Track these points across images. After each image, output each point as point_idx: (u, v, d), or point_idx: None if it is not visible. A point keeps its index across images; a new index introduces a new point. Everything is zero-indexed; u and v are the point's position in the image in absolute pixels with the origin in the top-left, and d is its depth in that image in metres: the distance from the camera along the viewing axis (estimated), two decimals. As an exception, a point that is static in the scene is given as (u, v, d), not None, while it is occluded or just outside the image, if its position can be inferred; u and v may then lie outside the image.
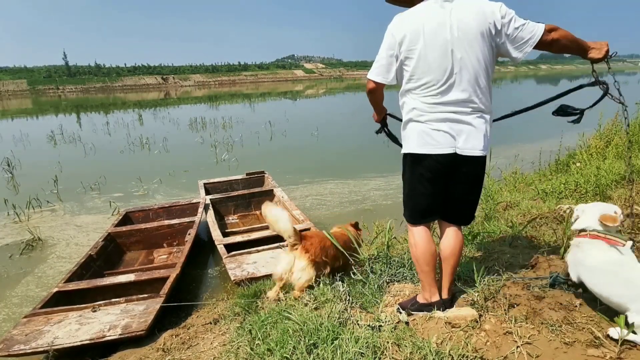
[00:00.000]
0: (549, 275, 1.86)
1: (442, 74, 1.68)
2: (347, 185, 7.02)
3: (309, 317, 1.82)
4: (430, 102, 1.74)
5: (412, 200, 1.90)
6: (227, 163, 8.87)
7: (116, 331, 2.63)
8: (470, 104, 1.70)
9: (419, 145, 1.79)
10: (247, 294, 2.76)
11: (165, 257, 4.37)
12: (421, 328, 1.67)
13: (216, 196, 5.60)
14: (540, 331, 1.49)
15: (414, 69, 1.73)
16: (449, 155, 1.73)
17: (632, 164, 3.64)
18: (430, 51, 1.68)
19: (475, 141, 1.72)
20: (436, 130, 1.73)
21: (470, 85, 1.68)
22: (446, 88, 1.69)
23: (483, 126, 1.73)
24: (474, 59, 1.66)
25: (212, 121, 15.23)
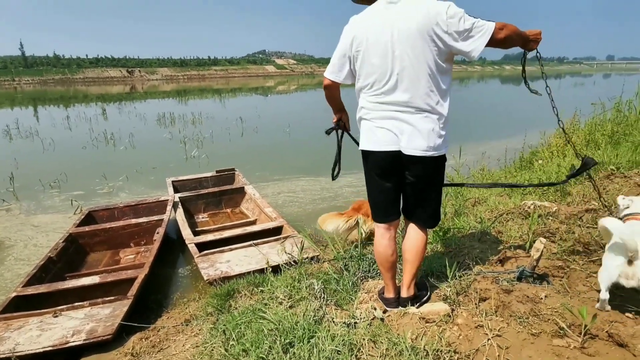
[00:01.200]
0: (516, 269, 1.94)
1: (383, 74, 1.72)
2: (318, 183, 7.02)
3: (284, 316, 1.80)
4: (375, 102, 1.78)
5: (369, 197, 1.99)
6: (197, 160, 8.66)
7: (80, 336, 2.51)
8: (413, 104, 1.71)
9: (365, 142, 1.86)
10: (220, 294, 2.71)
11: (133, 257, 4.22)
12: (396, 324, 1.69)
13: (185, 194, 5.46)
14: (509, 323, 1.55)
15: (360, 70, 1.79)
16: (393, 153, 1.78)
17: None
18: (373, 52, 1.71)
19: (420, 141, 1.72)
20: (380, 127, 1.78)
21: (413, 86, 1.69)
22: (389, 89, 1.73)
23: (429, 126, 1.72)
24: (415, 60, 1.66)
25: (181, 116, 14.82)
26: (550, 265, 1.99)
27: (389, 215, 1.93)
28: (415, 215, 1.91)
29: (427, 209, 1.89)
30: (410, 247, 1.89)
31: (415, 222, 1.91)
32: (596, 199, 2.86)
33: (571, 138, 2.34)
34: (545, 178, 3.56)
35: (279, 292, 2.30)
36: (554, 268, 1.96)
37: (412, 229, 1.91)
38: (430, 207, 1.90)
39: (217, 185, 5.99)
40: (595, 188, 2.33)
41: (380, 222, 1.94)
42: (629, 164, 3.48)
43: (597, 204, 2.79)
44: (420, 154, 1.73)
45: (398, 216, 1.95)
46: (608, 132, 4.85)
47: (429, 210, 1.90)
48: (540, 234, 2.48)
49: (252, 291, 2.75)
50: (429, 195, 1.87)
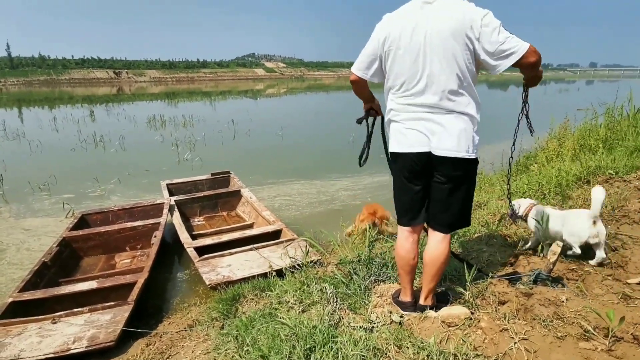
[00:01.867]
0: (532, 272, 1.94)
1: (414, 75, 1.71)
2: (314, 186, 6.99)
3: (300, 321, 1.77)
4: (404, 103, 1.78)
5: (395, 199, 1.96)
6: (190, 163, 8.55)
7: (82, 343, 2.43)
8: (444, 105, 1.70)
9: (395, 144, 1.85)
10: (225, 298, 2.66)
11: (129, 262, 4.13)
12: (417, 328, 1.68)
13: (181, 197, 5.38)
14: (534, 327, 1.55)
15: (390, 69, 1.78)
16: (423, 154, 1.76)
17: (585, 162, 3.92)
18: (405, 53, 1.70)
19: (450, 142, 1.70)
20: (410, 129, 1.77)
21: (442, 89, 1.68)
22: (419, 89, 1.72)
23: (460, 126, 1.71)
24: (446, 62, 1.65)
25: (171, 119, 14.65)
26: (564, 268, 2.01)
27: (414, 219, 1.90)
28: (439, 221, 1.86)
29: (453, 213, 1.83)
30: (432, 258, 1.84)
31: (439, 229, 1.86)
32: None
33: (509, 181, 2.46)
34: (545, 182, 3.61)
35: (288, 296, 2.27)
36: (567, 271, 1.98)
37: (435, 238, 1.87)
38: (456, 212, 1.84)
39: (213, 188, 5.92)
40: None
41: (404, 225, 1.92)
42: (626, 169, 3.56)
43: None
44: (452, 154, 1.71)
45: (423, 221, 1.92)
46: (602, 137, 4.95)
47: (453, 214, 1.84)
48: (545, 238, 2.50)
49: (258, 295, 2.71)
50: (456, 199, 1.81)
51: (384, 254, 2.63)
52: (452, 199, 1.81)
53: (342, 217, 5.26)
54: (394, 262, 2.41)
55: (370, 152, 2.66)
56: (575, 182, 3.57)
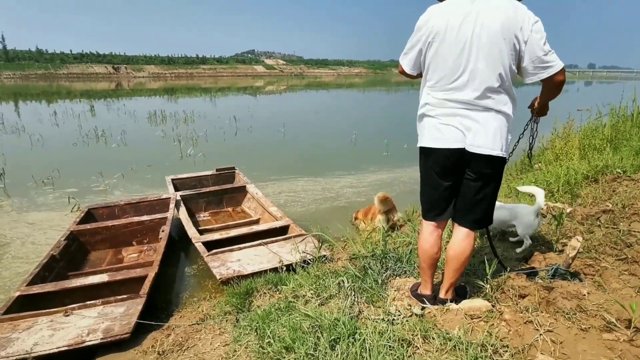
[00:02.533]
0: (549, 267, 1.97)
1: (456, 70, 1.69)
2: (318, 183, 7.01)
3: (321, 313, 1.78)
4: (442, 98, 1.76)
5: (423, 195, 1.95)
6: (192, 158, 8.55)
7: (97, 335, 2.44)
8: (482, 103, 1.69)
9: (429, 140, 1.85)
10: (238, 292, 2.67)
11: (136, 256, 4.13)
12: (440, 320, 1.70)
13: (186, 192, 5.38)
14: (557, 319, 1.57)
15: (431, 63, 1.76)
16: (457, 151, 1.75)
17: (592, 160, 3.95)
18: (449, 47, 1.68)
19: (486, 139, 1.70)
20: (445, 124, 1.77)
21: (484, 86, 1.66)
22: (459, 86, 1.70)
23: (496, 124, 1.70)
24: (491, 59, 1.63)
25: (172, 115, 14.61)
26: (581, 264, 2.03)
27: (441, 214, 1.91)
28: (465, 217, 1.87)
29: (480, 210, 1.85)
30: (456, 253, 1.85)
31: (466, 225, 1.87)
32: (608, 201, 2.93)
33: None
34: (553, 180, 3.64)
35: (304, 290, 2.28)
36: (584, 266, 2.00)
37: (461, 234, 1.88)
38: (483, 209, 1.85)
39: (217, 184, 5.92)
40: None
41: (430, 220, 1.92)
42: (633, 168, 3.59)
43: (611, 205, 2.87)
44: (486, 152, 1.70)
45: (449, 217, 1.93)
46: (607, 137, 4.99)
47: (480, 211, 1.85)
48: (560, 234, 2.53)
49: (272, 290, 2.73)
50: (484, 196, 1.82)
51: (396, 248, 2.65)
52: (480, 196, 1.81)
53: (350, 213, 5.30)
54: (409, 257, 2.43)
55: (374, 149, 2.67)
56: (582, 180, 3.60)
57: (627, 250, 2.07)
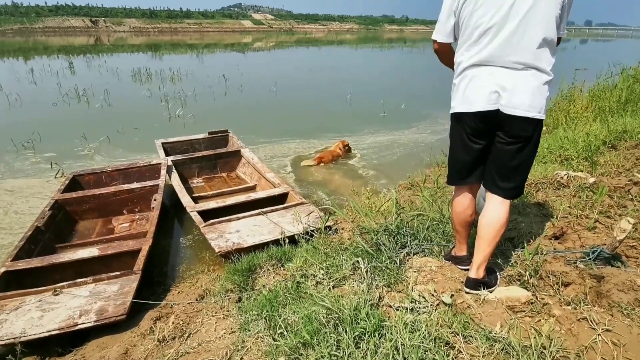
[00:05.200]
0: (591, 249, 1.80)
1: (495, 27, 1.55)
2: (312, 145, 6.74)
3: (337, 300, 1.61)
4: (478, 57, 1.61)
5: (452, 158, 1.86)
6: (182, 120, 8.14)
7: (89, 317, 2.26)
8: (523, 60, 1.55)
9: (462, 103, 1.70)
10: (240, 269, 2.49)
11: (128, 226, 3.91)
12: (477, 313, 1.53)
13: (177, 157, 5.09)
14: (614, 315, 1.41)
15: (468, 21, 1.61)
16: (491, 113, 1.61)
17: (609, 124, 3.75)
18: (485, 5, 1.54)
19: (523, 99, 1.56)
20: (480, 86, 1.62)
21: (527, 41, 1.53)
22: (498, 43, 1.56)
23: (534, 84, 1.56)
24: (539, 15, 1.51)
25: (157, 73, 13.87)
26: (623, 244, 1.87)
27: (471, 177, 1.80)
28: (499, 185, 1.73)
29: (515, 177, 1.71)
30: (489, 224, 1.72)
31: (499, 193, 1.74)
32: (634, 169, 2.76)
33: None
34: (570, 146, 3.44)
35: (314, 269, 2.10)
36: (627, 247, 1.84)
37: (494, 202, 1.74)
38: (519, 177, 1.72)
39: (211, 148, 5.62)
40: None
41: (460, 184, 1.83)
42: (656, 133, 3.41)
43: (639, 175, 2.70)
44: (523, 113, 1.57)
45: (479, 180, 1.82)
46: (622, 100, 4.75)
47: (516, 179, 1.72)
48: (586, 206, 2.36)
49: (276, 266, 2.56)
50: (520, 163, 1.69)
51: (410, 222, 2.47)
52: (516, 162, 1.68)
53: (347, 179, 5.11)
54: (426, 234, 2.26)
55: (371, 110, 2.40)
56: (601, 146, 3.41)
57: None
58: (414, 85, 12.77)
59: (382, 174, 5.33)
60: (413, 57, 20.90)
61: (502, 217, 1.71)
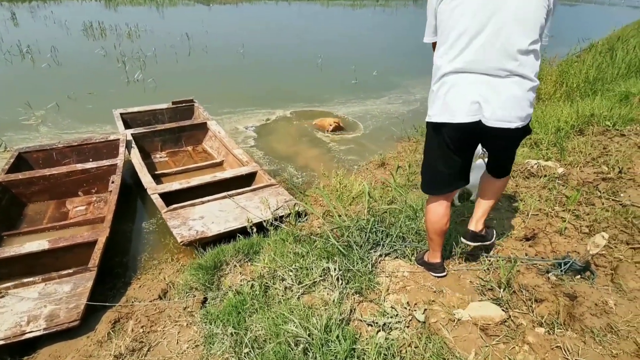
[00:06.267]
0: (563, 260, 1.80)
1: (474, 29, 1.43)
2: (280, 116, 6.45)
3: (307, 315, 1.53)
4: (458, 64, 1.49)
5: (429, 169, 1.76)
6: (141, 84, 7.56)
7: (38, 324, 2.10)
8: (506, 67, 1.44)
9: (440, 112, 1.57)
10: (205, 266, 2.37)
11: (84, 209, 3.65)
12: (450, 337, 1.50)
13: (138, 130, 4.73)
14: (586, 342, 1.41)
15: (446, 23, 1.50)
16: (474, 125, 1.51)
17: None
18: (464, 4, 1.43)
19: (507, 111, 1.46)
20: (462, 95, 1.50)
21: (507, 46, 1.42)
22: (478, 47, 1.44)
23: (520, 93, 1.46)
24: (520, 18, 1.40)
25: (112, 28, 12.72)
26: (592, 252, 1.88)
27: (450, 188, 1.76)
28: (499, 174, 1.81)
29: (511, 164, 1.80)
30: (490, 187, 1.82)
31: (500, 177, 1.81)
32: (603, 162, 2.78)
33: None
34: (540, 129, 3.42)
35: (282, 271, 2.02)
36: (596, 257, 1.85)
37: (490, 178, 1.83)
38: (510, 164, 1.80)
39: (175, 120, 5.27)
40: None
41: (438, 194, 1.77)
42: (621, 119, 3.44)
43: (607, 169, 2.72)
44: (507, 125, 1.48)
45: (460, 187, 1.83)
46: (589, 79, 4.78)
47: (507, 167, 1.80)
48: (556, 202, 2.37)
49: (242, 261, 2.45)
50: (513, 154, 1.75)
51: (381, 216, 2.40)
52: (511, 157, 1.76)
53: (323, 159, 4.96)
54: (399, 232, 2.20)
55: (342, 76, 2.19)
56: (572, 132, 3.43)
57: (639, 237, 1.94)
58: (386, 49, 12.44)
59: (352, 150, 5.22)
60: (385, 18, 20.28)
61: (504, 184, 1.83)
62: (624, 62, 5.04)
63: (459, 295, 1.71)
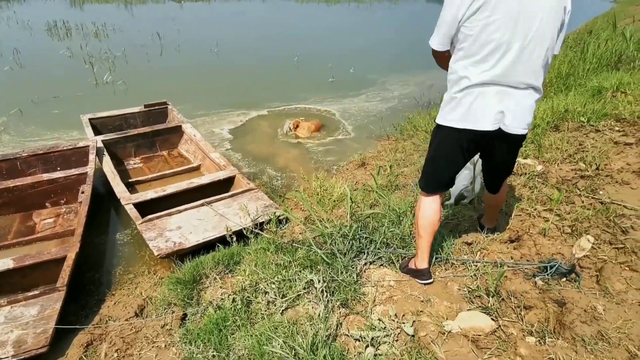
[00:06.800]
0: (548, 263, 1.79)
1: (502, 45, 1.54)
2: (260, 118, 6.33)
3: (292, 332, 1.47)
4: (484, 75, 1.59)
5: (433, 170, 1.85)
6: (111, 86, 7.28)
7: (6, 351, 1.96)
8: (526, 80, 1.59)
9: (463, 119, 1.68)
10: (183, 280, 2.27)
11: (52, 222, 3.46)
12: (441, 352, 1.45)
13: (110, 136, 4.53)
14: (578, 351, 1.40)
15: (476, 37, 1.57)
16: (494, 132, 1.65)
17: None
18: (501, 20, 1.52)
19: (522, 118, 1.64)
20: (488, 105, 1.62)
21: (532, 61, 1.56)
22: (506, 61, 1.56)
23: (531, 103, 1.65)
24: (542, 33, 1.53)
25: (79, 27, 12.21)
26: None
27: (448, 187, 1.92)
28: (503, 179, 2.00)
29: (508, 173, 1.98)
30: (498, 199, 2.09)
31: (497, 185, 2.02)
32: (580, 159, 2.82)
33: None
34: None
35: (264, 284, 1.94)
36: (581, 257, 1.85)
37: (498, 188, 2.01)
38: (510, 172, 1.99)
39: (148, 124, 5.06)
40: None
41: (438, 193, 1.88)
42: (595, 115, 3.50)
43: (584, 165, 2.76)
44: (520, 131, 1.65)
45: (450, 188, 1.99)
46: (562, 75, 4.86)
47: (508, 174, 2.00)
48: (537, 202, 2.38)
49: (222, 273, 2.36)
50: (512, 163, 1.90)
51: (364, 221, 2.35)
52: (514, 163, 1.92)
53: (301, 160, 4.87)
54: (383, 238, 2.15)
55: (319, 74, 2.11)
56: (548, 127, 3.47)
57: (623, 237, 1.95)
58: (361, 45, 12.40)
59: (331, 150, 5.16)
60: (360, 14, 20.26)
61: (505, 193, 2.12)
62: (595, 57, 5.18)
63: (447, 303, 1.68)
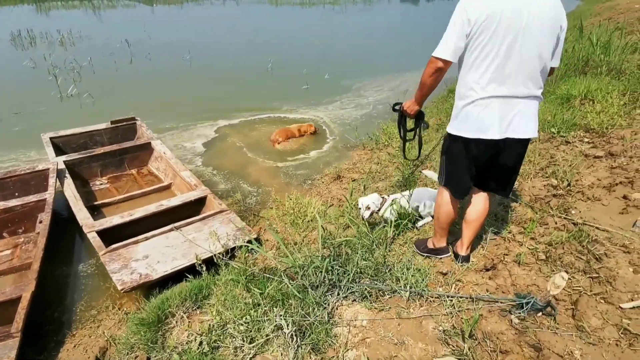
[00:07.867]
0: (524, 299, 1.74)
1: (507, 57, 1.69)
2: (232, 129, 6.14)
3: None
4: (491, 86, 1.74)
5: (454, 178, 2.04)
6: (77, 99, 6.97)
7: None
8: (529, 91, 1.75)
9: (473, 130, 1.83)
10: (147, 321, 2.13)
11: (9, 254, 3.25)
12: None
13: (73, 157, 4.29)
14: None
15: (481, 52, 1.72)
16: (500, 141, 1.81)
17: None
18: (504, 33, 1.66)
19: (528, 126, 1.81)
20: (495, 116, 1.77)
21: (534, 72, 1.72)
22: (509, 73, 1.71)
23: (535, 110, 1.83)
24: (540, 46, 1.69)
25: (43, 35, 11.74)
26: (552, 284, 1.84)
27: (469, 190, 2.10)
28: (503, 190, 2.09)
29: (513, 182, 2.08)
30: (477, 217, 2.13)
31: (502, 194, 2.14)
32: (552, 173, 2.81)
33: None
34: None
35: (232, 327, 1.84)
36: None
37: (481, 198, 2.12)
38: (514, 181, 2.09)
39: (115, 141, 4.83)
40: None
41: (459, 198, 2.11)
42: (565, 125, 3.53)
43: (556, 181, 2.75)
44: (526, 136, 1.82)
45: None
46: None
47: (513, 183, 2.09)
48: (511, 222, 2.35)
49: (190, 310, 2.24)
50: (517, 172, 2.05)
51: (336, 249, 2.27)
52: (518, 170, 2.03)
53: (271, 177, 4.75)
54: (355, 269, 2.08)
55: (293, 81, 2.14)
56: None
57: (597, 265, 1.93)
58: (337, 50, 12.36)
59: (305, 163, 5.04)
60: (335, 17, 20.26)
61: (487, 209, 2.15)
62: (562, 62, 5.23)
63: (422, 345, 1.62)
